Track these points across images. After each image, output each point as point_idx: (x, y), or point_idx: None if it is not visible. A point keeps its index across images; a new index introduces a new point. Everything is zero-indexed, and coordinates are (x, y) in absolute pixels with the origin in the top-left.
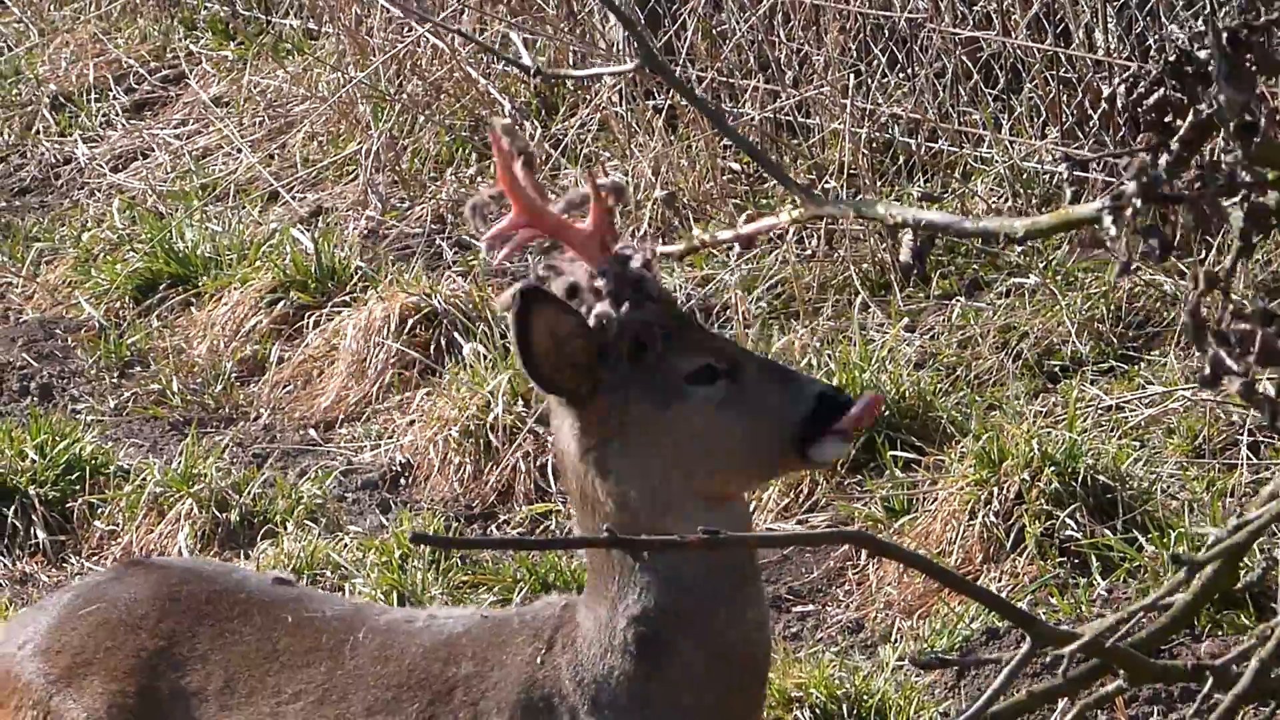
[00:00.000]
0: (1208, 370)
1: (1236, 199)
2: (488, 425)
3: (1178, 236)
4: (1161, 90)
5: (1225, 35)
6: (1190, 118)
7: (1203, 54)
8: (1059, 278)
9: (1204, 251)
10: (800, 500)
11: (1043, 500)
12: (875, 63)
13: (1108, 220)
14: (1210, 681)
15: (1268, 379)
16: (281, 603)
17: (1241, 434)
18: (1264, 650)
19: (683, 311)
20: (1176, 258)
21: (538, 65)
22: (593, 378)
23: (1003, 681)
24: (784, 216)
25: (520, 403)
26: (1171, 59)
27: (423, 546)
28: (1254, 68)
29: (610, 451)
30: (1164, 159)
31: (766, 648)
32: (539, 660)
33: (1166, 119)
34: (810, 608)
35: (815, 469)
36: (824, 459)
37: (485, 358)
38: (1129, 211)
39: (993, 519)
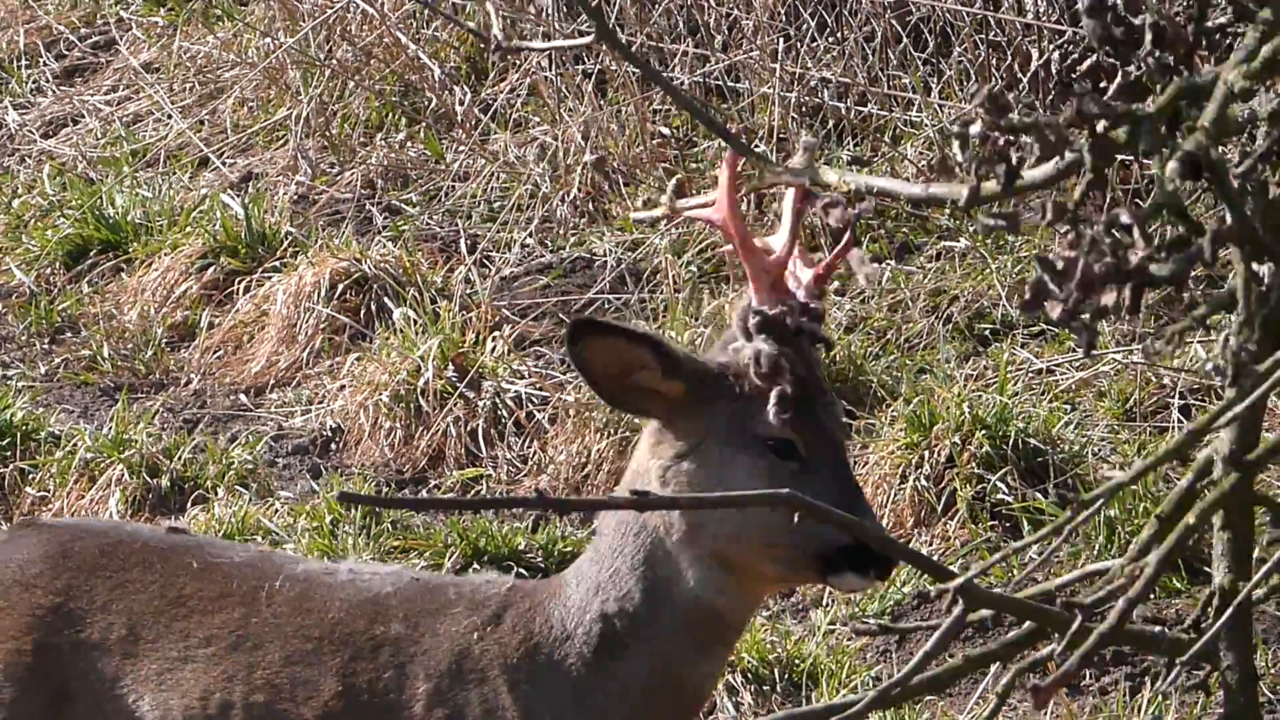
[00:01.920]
0: (1029, 294)
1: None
2: (418, 390)
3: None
4: (1094, 56)
5: None
6: (1119, 79)
7: (1137, 20)
8: (989, 241)
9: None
10: None
11: (974, 464)
12: (804, 27)
13: (955, 148)
14: (1079, 621)
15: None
16: (183, 549)
17: (1172, 397)
18: (1132, 591)
19: (815, 384)
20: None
21: (498, 40)
22: (671, 401)
23: (934, 645)
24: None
25: (450, 368)
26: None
27: (353, 511)
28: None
29: (678, 468)
30: (1102, 123)
31: (707, 694)
32: (476, 634)
33: (1101, 84)
34: None
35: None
36: (842, 587)
37: (415, 322)
38: (975, 139)
39: (924, 483)
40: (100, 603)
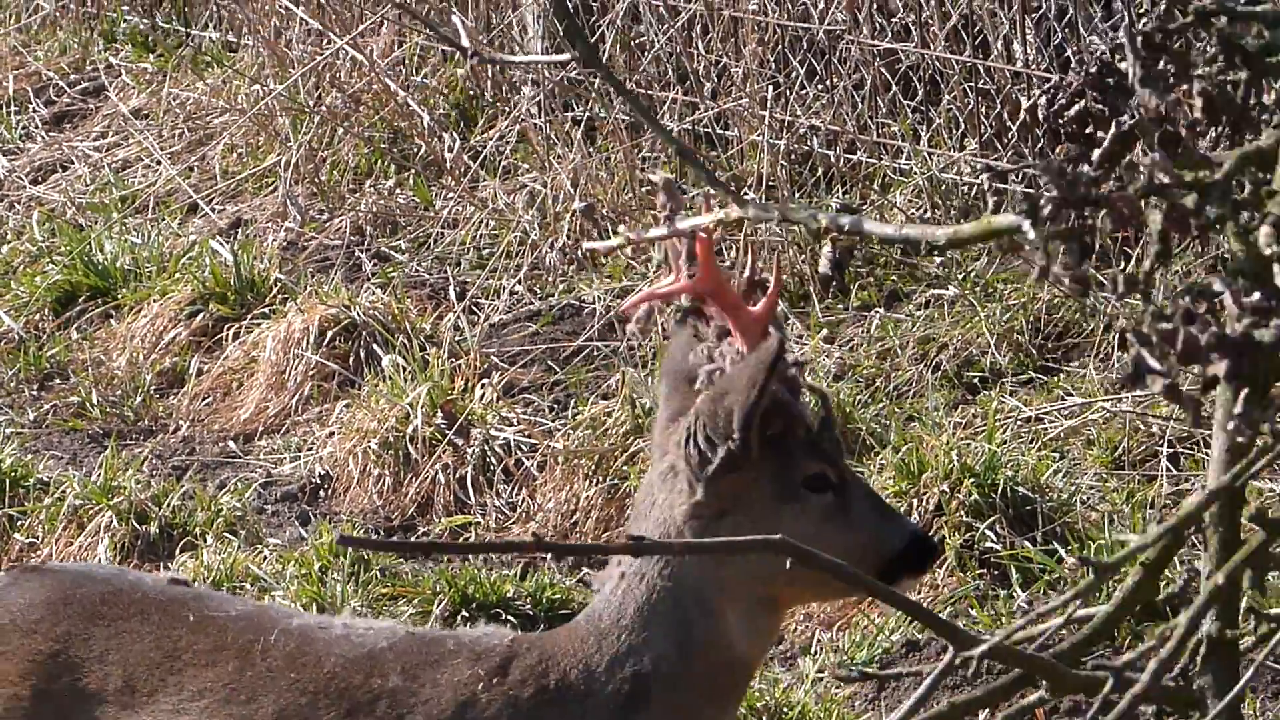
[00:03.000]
0: (1130, 369)
1: (1155, 201)
2: (407, 437)
3: (1097, 242)
4: (1082, 102)
5: (1141, 39)
6: (1113, 129)
7: (1124, 65)
8: (978, 289)
9: (1124, 262)
10: None
11: (962, 512)
12: (794, 74)
13: (1026, 225)
14: (1110, 683)
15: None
16: (180, 601)
17: (1161, 445)
18: (1163, 651)
19: (814, 415)
20: (1095, 268)
21: (475, 48)
22: (749, 449)
23: (924, 692)
24: (707, 217)
25: (439, 415)
26: (1092, 70)
27: (342, 558)
28: (1170, 71)
29: (720, 525)
30: (1084, 169)
31: None
32: (481, 685)
33: (1087, 130)
34: None
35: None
36: (902, 589)
37: (404, 369)
38: (1047, 214)
39: None
40: (98, 651)
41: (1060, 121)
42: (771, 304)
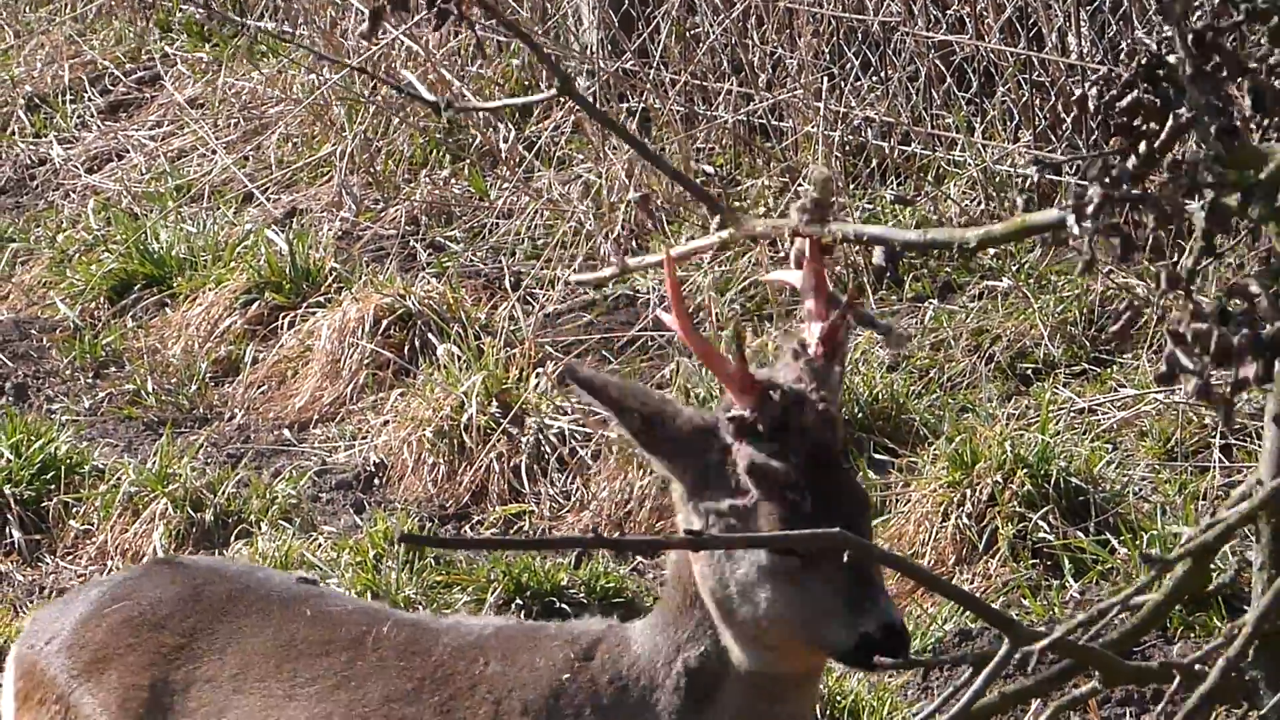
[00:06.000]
0: (1164, 368)
1: (1199, 199)
2: (461, 426)
3: (1148, 237)
4: (1134, 93)
5: (1191, 36)
6: (1170, 122)
7: (1173, 58)
8: (1032, 281)
9: (1175, 254)
10: None
11: (1015, 502)
12: (849, 66)
13: (1071, 220)
14: (1177, 680)
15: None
16: (302, 598)
17: (1213, 436)
18: (1231, 650)
19: (825, 462)
20: (1149, 260)
21: (446, 99)
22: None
23: (980, 685)
24: (712, 238)
25: (494, 403)
26: (1143, 61)
27: (397, 546)
28: (1221, 69)
29: (717, 572)
30: (1131, 161)
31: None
32: (568, 673)
33: (1137, 122)
34: None
35: None
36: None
37: (459, 358)
38: (1091, 211)
39: (965, 521)
40: (219, 644)
41: (1112, 113)
42: (741, 362)
